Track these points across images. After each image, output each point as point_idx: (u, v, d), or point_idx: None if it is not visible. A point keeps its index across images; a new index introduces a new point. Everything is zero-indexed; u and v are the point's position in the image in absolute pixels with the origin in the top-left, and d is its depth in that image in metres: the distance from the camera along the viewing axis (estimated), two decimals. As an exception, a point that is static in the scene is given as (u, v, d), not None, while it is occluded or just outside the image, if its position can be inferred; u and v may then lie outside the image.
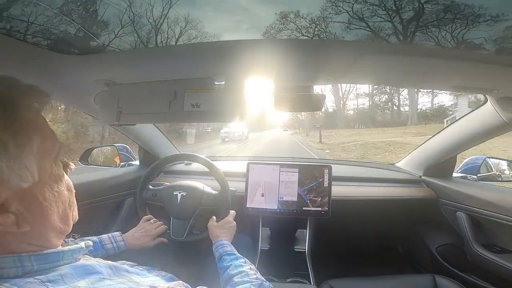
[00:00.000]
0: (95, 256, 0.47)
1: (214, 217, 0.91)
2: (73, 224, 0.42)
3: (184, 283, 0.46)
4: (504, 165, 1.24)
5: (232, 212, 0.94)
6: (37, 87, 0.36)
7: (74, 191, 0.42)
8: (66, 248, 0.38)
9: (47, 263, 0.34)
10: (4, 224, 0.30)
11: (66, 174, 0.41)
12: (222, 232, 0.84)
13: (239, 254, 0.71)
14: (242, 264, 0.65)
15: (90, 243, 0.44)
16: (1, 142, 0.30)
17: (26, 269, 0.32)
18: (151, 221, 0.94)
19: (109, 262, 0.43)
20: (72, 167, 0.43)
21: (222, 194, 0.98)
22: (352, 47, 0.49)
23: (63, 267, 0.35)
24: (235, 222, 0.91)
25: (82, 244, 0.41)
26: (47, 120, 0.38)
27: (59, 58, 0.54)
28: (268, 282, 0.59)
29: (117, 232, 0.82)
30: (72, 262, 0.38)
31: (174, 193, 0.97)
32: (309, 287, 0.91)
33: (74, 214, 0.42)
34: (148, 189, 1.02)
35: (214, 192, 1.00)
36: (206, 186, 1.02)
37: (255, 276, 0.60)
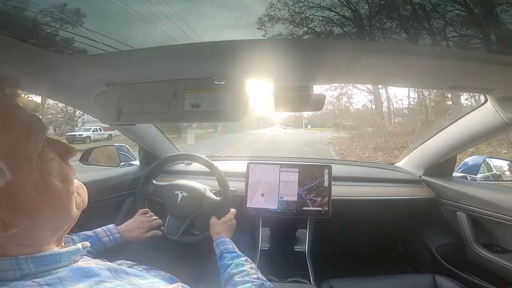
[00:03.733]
0: (92, 251, 0.46)
1: (215, 217, 0.91)
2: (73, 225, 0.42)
3: (183, 284, 0.46)
4: (504, 165, 1.24)
5: (233, 210, 0.94)
6: None
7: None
8: (63, 250, 0.37)
9: (45, 266, 0.34)
10: None
11: (66, 162, 0.39)
12: (224, 229, 0.84)
13: (240, 252, 0.71)
14: (243, 262, 0.64)
15: (88, 244, 0.44)
16: None
17: (24, 272, 0.32)
18: (147, 214, 0.94)
19: (108, 263, 0.42)
20: (73, 153, 0.40)
21: (223, 200, 0.97)
22: (352, 47, 0.49)
23: (62, 270, 0.34)
24: (235, 220, 0.91)
25: (79, 245, 0.41)
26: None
27: (59, 58, 0.54)
28: (269, 282, 0.59)
29: (111, 225, 0.82)
30: (70, 264, 0.37)
31: (175, 192, 0.97)
32: (309, 287, 0.91)
33: (78, 202, 0.40)
34: (150, 183, 1.02)
35: (215, 198, 0.99)
36: (208, 190, 1.01)
37: (256, 276, 0.59)
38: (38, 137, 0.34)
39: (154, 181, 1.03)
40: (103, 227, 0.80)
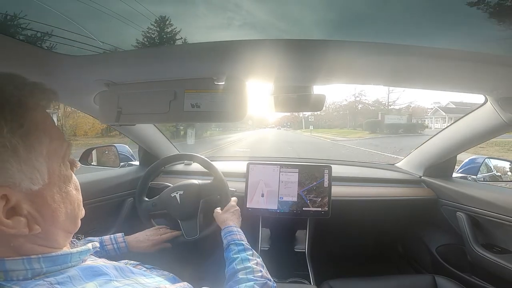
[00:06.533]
0: (99, 257, 0.47)
1: (219, 208, 0.92)
2: None
3: (189, 284, 0.46)
4: (504, 165, 1.24)
5: (234, 198, 0.95)
6: (42, 85, 0.36)
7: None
8: (74, 250, 0.38)
9: (56, 265, 0.34)
10: (16, 227, 0.31)
11: (73, 172, 0.41)
12: (228, 216, 0.84)
13: (247, 244, 0.70)
14: (249, 257, 0.63)
15: (97, 244, 0.45)
16: (11, 146, 0.29)
17: (36, 271, 0.32)
18: (160, 230, 0.94)
19: (114, 263, 0.43)
20: (78, 165, 0.42)
21: (217, 180, 0.99)
22: (352, 47, 0.49)
23: (71, 269, 0.35)
24: (238, 207, 0.92)
25: (89, 245, 0.42)
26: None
27: (59, 58, 0.54)
28: (272, 281, 0.59)
29: (119, 234, 0.82)
30: (79, 264, 0.38)
31: (172, 195, 0.97)
32: (309, 287, 0.91)
33: (81, 213, 0.42)
34: (144, 201, 1.01)
35: (209, 181, 1.01)
36: (200, 180, 1.03)
37: (260, 274, 0.59)
38: (67, 149, 0.38)
39: (147, 198, 1.02)
40: (110, 235, 0.80)
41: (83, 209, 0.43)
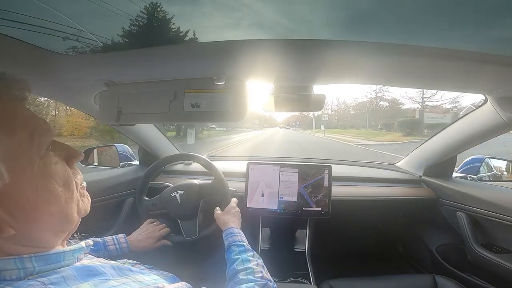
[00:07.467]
0: (97, 251, 0.46)
1: (218, 208, 0.92)
2: None
3: (187, 283, 0.46)
4: (504, 165, 1.24)
5: (234, 199, 0.96)
6: (8, 74, 0.33)
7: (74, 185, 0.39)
8: (67, 248, 0.37)
9: (49, 264, 0.34)
10: None
11: (71, 166, 0.38)
12: (229, 218, 0.84)
13: (248, 246, 0.70)
14: (250, 258, 0.64)
15: (90, 242, 0.44)
16: None
17: (28, 271, 0.31)
18: (155, 223, 0.94)
19: (112, 262, 0.42)
20: (78, 157, 0.39)
21: (217, 180, 0.99)
22: (352, 47, 0.49)
23: (66, 269, 0.34)
24: (238, 208, 0.92)
25: (83, 243, 0.41)
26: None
27: (59, 58, 0.54)
28: (273, 281, 0.59)
29: (121, 234, 0.82)
30: (74, 263, 0.37)
31: (172, 195, 0.97)
32: (309, 287, 0.91)
33: (80, 208, 0.39)
34: (144, 200, 1.01)
35: (209, 181, 1.02)
36: (201, 180, 1.03)
37: (260, 275, 0.59)
38: (41, 140, 0.33)
39: (146, 197, 1.02)
40: (112, 236, 0.80)
41: (87, 204, 0.41)
